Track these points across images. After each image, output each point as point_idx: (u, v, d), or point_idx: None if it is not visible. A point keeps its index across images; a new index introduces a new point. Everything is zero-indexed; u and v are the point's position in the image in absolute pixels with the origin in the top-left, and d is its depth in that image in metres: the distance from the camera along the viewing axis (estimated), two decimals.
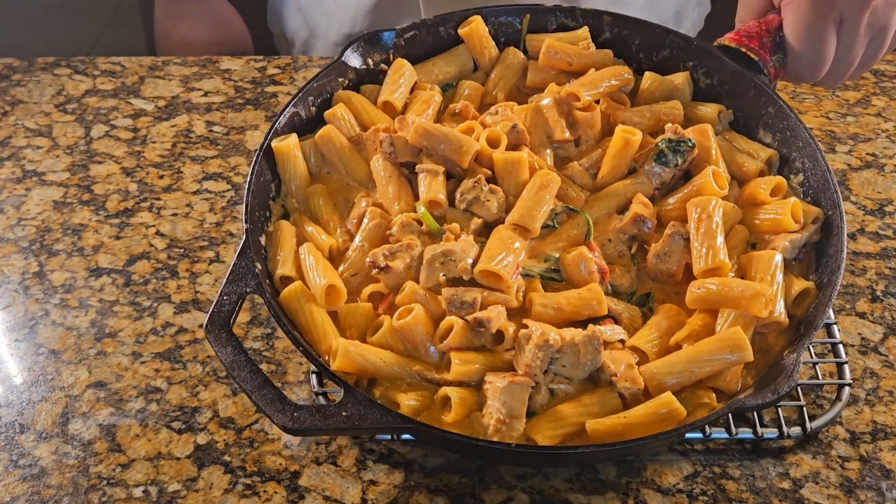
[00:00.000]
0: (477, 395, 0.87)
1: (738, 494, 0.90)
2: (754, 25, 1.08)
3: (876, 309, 1.09)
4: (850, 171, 1.31)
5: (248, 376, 0.82)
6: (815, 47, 1.04)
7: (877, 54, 1.07)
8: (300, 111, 1.06)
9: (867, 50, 1.06)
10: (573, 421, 0.85)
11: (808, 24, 1.03)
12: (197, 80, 1.48)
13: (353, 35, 1.59)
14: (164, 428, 0.95)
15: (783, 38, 1.06)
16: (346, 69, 1.10)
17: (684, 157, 1.00)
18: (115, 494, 0.89)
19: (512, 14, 1.14)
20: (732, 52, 1.08)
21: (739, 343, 0.86)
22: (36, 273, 1.13)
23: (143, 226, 1.20)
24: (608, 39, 1.14)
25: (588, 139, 1.06)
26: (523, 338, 0.87)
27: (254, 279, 0.89)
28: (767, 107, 1.06)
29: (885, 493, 0.90)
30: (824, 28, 1.02)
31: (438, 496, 0.90)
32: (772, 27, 1.07)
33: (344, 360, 0.87)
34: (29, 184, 1.27)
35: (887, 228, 1.20)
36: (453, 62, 1.14)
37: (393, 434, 0.92)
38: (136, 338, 1.05)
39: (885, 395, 0.99)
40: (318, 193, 1.02)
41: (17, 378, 1.01)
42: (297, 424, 0.79)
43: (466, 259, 0.92)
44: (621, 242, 0.98)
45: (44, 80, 1.48)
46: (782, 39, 1.06)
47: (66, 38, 3.27)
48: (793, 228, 0.97)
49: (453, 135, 0.99)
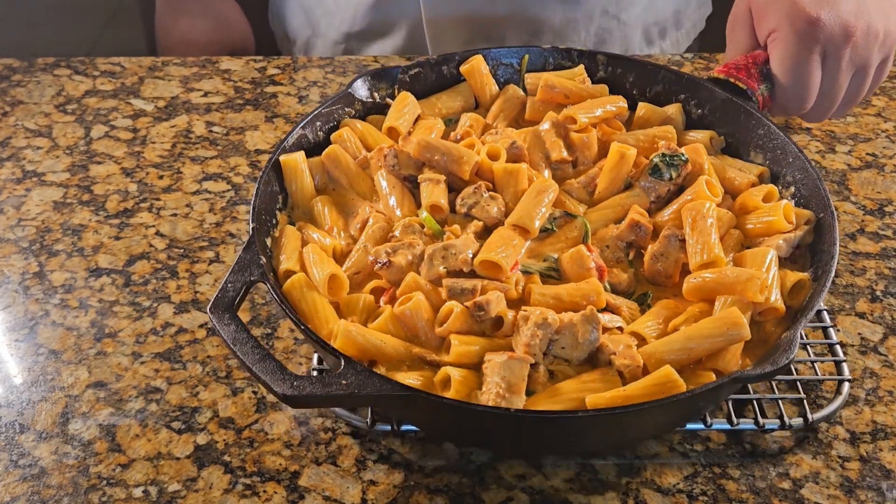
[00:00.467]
0: (477, 376, 0.88)
1: (739, 494, 0.89)
2: (742, 59, 1.13)
3: (876, 309, 1.08)
4: (850, 171, 1.30)
5: (249, 350, 0.82)
6: (800, 79, 1.08)
7: (860, 90, 1.12)
8: (308, 134, 1.08)
9: (850, 85, 1.11)
10: (573, 397, 0.85)
11: (793, 57, 1.07)
12: (197, 80, 1.47)
13: (352, 34, 1.59)
14: (163, 428, 0.94)
15: (770, 70, 1.10)
16: (354, 100, 1.13)
17: (678, 171, 1.03)
18: (115, 494, 0.88)
19: (511, 55, 1.19)
20: (722, 83, 1.12)
21: (737, 321, 0.87)
22: (36, 273, 1.12)
23: (143, 226, 1.19)
24: (603, 77, 1.18)
25: (585, 160, 1.08)
26: (521, 319, 0.88)
27: (258, 269, 0.90)
28: (757, 129, 1.09)
29: (886, 493, 0.89)
30: (809, 60, 1.07)
31: (438, 496, 0.89)
32: (759, 60, 1.12)
33: (344, 339, 0.87)
34: (29, 184, 1.26)
35: (887, 228, 1.20)
36: (456, 98, 1.18)
37: (393, 424, 0.91)
38: (136, 338, 1.04)
39: (885, 395, 0.98)
40: (323, 202, 1.05)
41: (17, 378, 1.00)
42: (296, 392, 0.79)
43: (467, 252, 0.94)
44: (619, 249, 1.00)
45: (44, 80, 1.47)
46: (769, 71, 1.10)
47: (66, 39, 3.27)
48: (786, 229, 0.98)
49: (454, 147, 1.04)
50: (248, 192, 1.25)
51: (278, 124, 1.38)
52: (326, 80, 1.48)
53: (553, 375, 0.88)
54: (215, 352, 1.02)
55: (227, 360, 1.01)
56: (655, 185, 1.03)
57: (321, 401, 0.83)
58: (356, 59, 1.54)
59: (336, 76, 1.48)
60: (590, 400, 0.83)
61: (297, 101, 1.42)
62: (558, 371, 0.88)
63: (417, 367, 0.89)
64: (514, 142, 1.05)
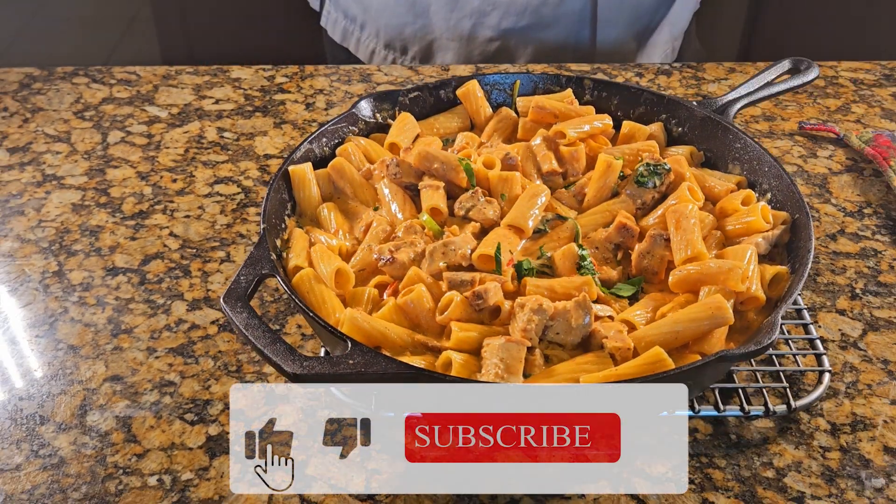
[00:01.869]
0: (476, 360, 0.89)
1: (724, 483, 0.89)
2: None
3: (855, 306, 1.09)
4: (831, 174, 1.31)
5: (261, 335, 0.82)
6: None
7: None
8: (314, 148, 1.10)
9: None
10: (568, 377, 0.86)
11: None
12: (208, 88, 1.48)
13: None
14: (177, 420, 0.95)
15: None
16: (358, 119, 1.15)
17: (662, 179, 1.05)
18: (131, 483, 0.89)
19: (503, 81, 1.22)
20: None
21: (721, 305, 0.89)
22: (55, 272, 1.13)
23: (158, 227, 1.20)
24: (589, 101, 1.21)
25: (574, 172, 1.11)
26: (518, 306, 0.90)
27: (269, 263, 0.91)
28: (734, 143, 1.11)
29: (865, 481, 0.89)
30: None
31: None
32: None
33: (350, 326, 0.88)
34: (49, 187, 1.27)
35: (866, 229, 1.20)
36: (453, 119, 1.20)
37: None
38: (151, 334, 1.05)
39: (864, 388, 0.99)
40: (329, 208, 1.06)
41: (38, 372, 1.00)
42: (306, 371, 0.79)
43: (465, 248, 0.97)
44: (608, 250, 1.01)
45: (63, 88, 1.48)
46: None
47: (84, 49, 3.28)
48: (765, 228, 1.00)
49: (452, 156, 1.07)
50: (257, 196, 1.26)
51: (286, 130, 1.38)
52: (332, 87, 1.48)
53: (548, 360, 0.89)
54: (226, 347, 1.03)
55: (238, 354, 1.02)
56: (640, 192, 1.05)
57: (329, 379, 0.83)
58: (360, 69, 1.54)
59: (341, 84, 1.49)
60: (584, 379, 0.85)
61: (304, 108, 1.43)
62: (553, 355, 0.90)
63: (420, 353, 0.90)
64: (508, 153, 1.08)
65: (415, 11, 1.59)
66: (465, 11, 1.57)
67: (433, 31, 1.60)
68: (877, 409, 0.96)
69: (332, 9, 1.71)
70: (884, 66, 1.56)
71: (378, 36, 1.64)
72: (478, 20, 1.57)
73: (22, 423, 0.95)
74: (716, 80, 1.52)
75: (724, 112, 1.15)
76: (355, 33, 1.68)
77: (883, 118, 1.42)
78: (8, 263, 1.14)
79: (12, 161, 1.32)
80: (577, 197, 1.07)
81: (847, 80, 1.52)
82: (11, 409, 0.96)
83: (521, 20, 1.57)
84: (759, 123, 1.41)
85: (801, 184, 1.29)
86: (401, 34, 1.62)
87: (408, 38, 1.62)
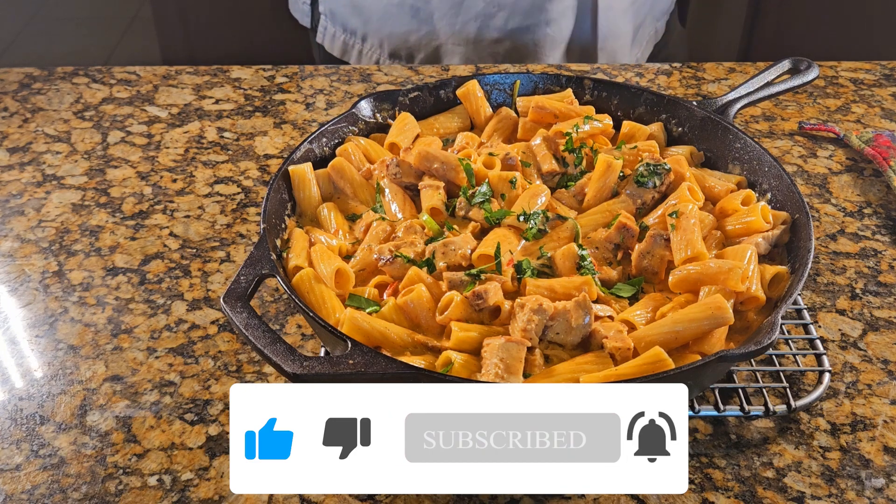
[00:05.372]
0: (476, 360, 0.89)
1: (724, 483, 0.89)
2: None
3: (855, 306, 1.09)
4: (831, 174, 1.31)
5: (261, 335, 0.82)
6: None
7: None
8: (315, 148, 1.10)
9: None
10: (568, 377, 0.86)
11: None
12: (208, 88, 1.48)
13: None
14: (177, 420, 0.95)
15: None
16: (358, 119, 1.15)
17: (661, 179, 1.05)
18: (131, 483, 0.89)
19: (503, 81, 1.22)
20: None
21: (720, 305, 0.89)
22: (55, 272, 1.13)
23: (158, 227, 1.20)
24: (589, 100, 1.21)
25: (574, 173, 1.10)
26: (518, 306, 0.90)
27: (269, 263, 0.90)
28: (734, 143, 1.11)
29: (865, 481, 0.89)
30: None
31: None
32: None
33: (351, 325, 0.88)
34: (49, 187, 1.27)
35: (866, 229, 1.20)
36: (453, 119, 1.20)
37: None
38: (151, 334, 1.05)
39: (864, 388, 0.99)
40: (329, 208, 1.06)
41: (38, 372, 1.00)
42: (306, 371, 0.79)
43: (465, 248, 0.97)
44: (608, 250, 1.01)
45: (63, 88, 1.48)
46: None
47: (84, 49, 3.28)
48: (765, 228, 1.00)
49: (452, 156, 1.07)
50: (257, 196, 1.25)
51: (286, 130, 1.38)
52: (332, 87, 1.48)
53: (548, 360, 0.89)
54: (226, 347, 1.03)
55: (238, 354, 1.02)
56: (640, 192, 1.05)
57: (329, 379, 0.83)
58: (360, 69, 1.54)
59: (341, 84, 1.49)
60: (584, 379, 0.85)
61: (304, 108, 1.43)
62: (553, 355, 0.90)
63: (420, 353, 0.90)
64: (508, 153, 1.08)
65: (419, 18, 1.58)
66: (471, 14, 1.57)
67: (439, 36, 1.60)
68: (877, 409, 0.96)
69: (328, 24, 1.70)
70: (884, 66, 1.56)
71: (382, 46, 1.64)
72: (483, 22, 1.57)
73: (22, 423, 0.95)
74: (716, 80, 1.52)
75: (724, 112, 1.15)
76: (356, 46, 1.67)
77: (883, 118, 1.42)
78: (8, 263, 1.14)
79: (12, 161, 1.32)
80: (577, 197, 1.07)
81: (847, 80, 1.52)
82: (11, 409, 0.96)
83: (527, 19, 1.57)
84: (759, 123, 1.41)
85: (801, 184, 1.29)
86: (406, 42, 1.62)
87: (413, 45, 1.62)
